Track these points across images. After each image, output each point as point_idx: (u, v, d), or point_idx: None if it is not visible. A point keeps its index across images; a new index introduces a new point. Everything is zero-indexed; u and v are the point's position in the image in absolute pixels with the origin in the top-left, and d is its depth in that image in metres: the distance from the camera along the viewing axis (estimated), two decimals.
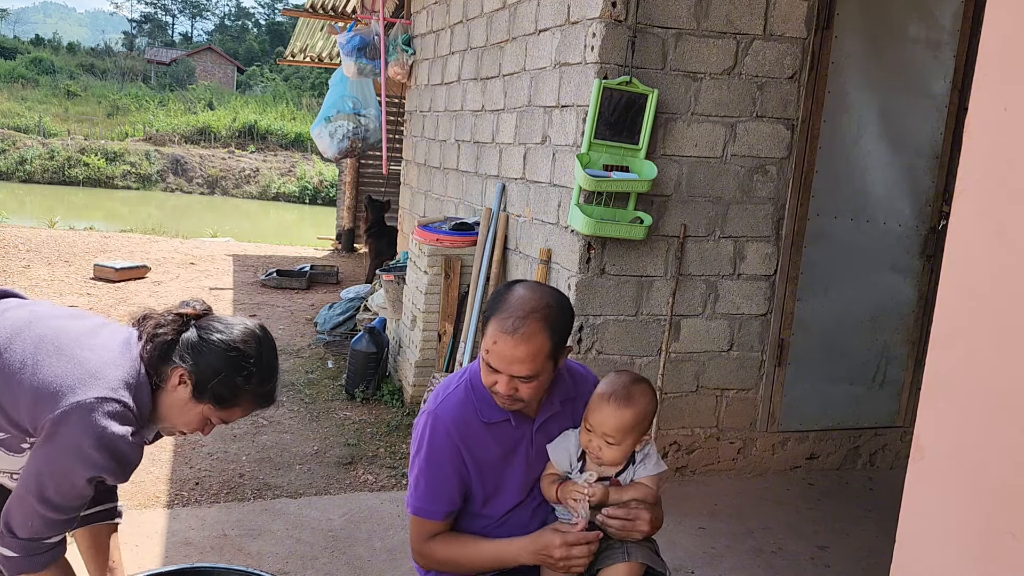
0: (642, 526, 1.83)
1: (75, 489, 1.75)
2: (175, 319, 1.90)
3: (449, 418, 1.90)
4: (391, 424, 4.55)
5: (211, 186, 28.48)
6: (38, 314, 1.93)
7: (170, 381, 1.86)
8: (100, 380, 1.76)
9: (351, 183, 10.87)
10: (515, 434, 1.94)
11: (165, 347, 1.86)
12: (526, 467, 1.95)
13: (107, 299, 7.09)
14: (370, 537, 3.28)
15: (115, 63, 47.17)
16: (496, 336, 1.77)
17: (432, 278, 4.66)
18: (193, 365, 1.84)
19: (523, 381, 1.79)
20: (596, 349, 3.70)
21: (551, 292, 1.87)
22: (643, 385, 1.90)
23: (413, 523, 1.96)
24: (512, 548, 1.89)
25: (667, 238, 3.71)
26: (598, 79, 3.43)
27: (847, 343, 4.16)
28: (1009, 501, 0.81)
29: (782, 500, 3.88)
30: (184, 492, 3.56)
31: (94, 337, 1.87)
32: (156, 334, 1.87)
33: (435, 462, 1.89)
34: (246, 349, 1.89)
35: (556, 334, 1.79)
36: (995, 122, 0.83)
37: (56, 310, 2.00)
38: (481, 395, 1.90)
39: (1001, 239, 0.82)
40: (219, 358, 1.85)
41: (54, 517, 1.76)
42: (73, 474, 1.73)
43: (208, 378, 1.84)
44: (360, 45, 6.66)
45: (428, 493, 1.91)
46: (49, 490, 1.73)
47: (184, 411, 1.89)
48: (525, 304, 1.78)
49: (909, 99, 4.02)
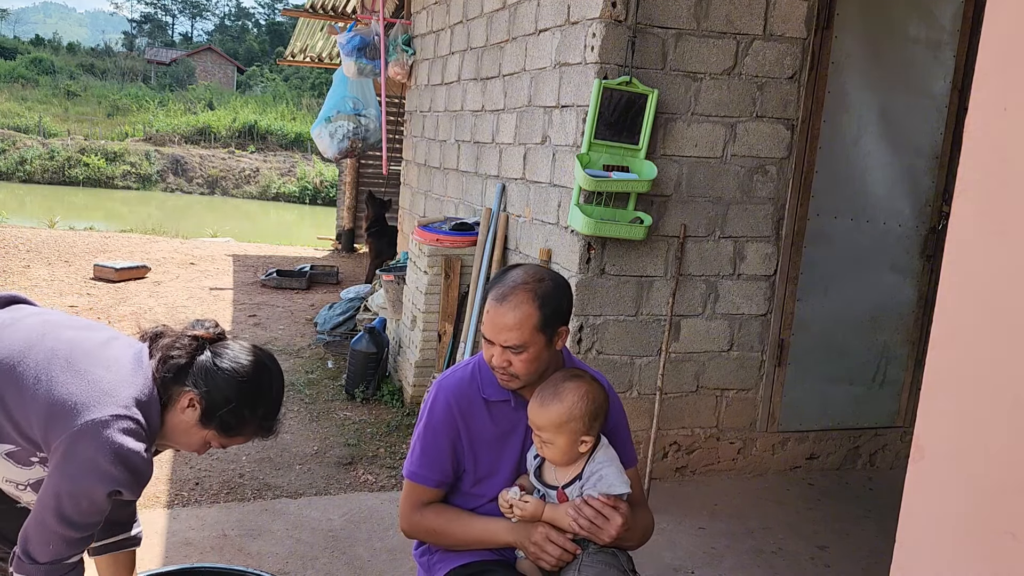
0: (610, 530, 1.80)
1: (94, 505, 1.76)
2: (190, 342, 1.91)
3: (452, 391, 1.97)
4: (391, 424, 4.55)
5: (211, 186, 28.49)
6: (51, 323, 1.93)
7: (179, 403, 1.88)
8: (114, 398, 1.77)
9: (351, 183, 10.88)
10: (513, 417, 1.98)
11: (178, 369, 1.88)
12: (520, 453, 1.99)
13: (107, 299, 7.09)
14: (370, 537, 3.28)
15: (115, 63, 47.18)
16: (489, 306, 1.88)
17: (432, 278, 4.66)
18: (205, 392, 1.86)
19: (514, 352, 1.85)
20: (596, 349, 3.70)
21: (547, 271, 1.95)
22: (578, 383, 1.85)
23: (406, 488, 2.01)
24: (499, 524, 1.94)
25: (667, 238, 3.71)
26: (598, 79, 3.43)
27: (847, 343, 4.16)
28: (1009, 501, 0.81)
29: (782, 500, 3.88)
30: (184, 492, 3.56)
31: (106, 351, 1.87)
32: (170, 356, 1.88)
33: (433, 430, 1.96)
34: (258, 382, 1.92)
35: (546, 307, 1.85)
36: (995, 122, 0.83)
37: (68, 320, 2.00)
38: (486, 375, 1.97)
39: (1001, 239, 0.82)
40: (231, 388, 1.87)
41: (74, 535, 1.77)
42: (92, 491, 1.74)
43: (218, 406, 1.86)
44: (360, 45, 6.66)
45: (422, 458, 1.96)
46: (68, 509, 1.74)
47: (188, 433, 1.91)
48: (518, 278, 1.89)
49: (909, 99, 4.02)
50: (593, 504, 1.81)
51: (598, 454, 1.88)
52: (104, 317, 6.44)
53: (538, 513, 1.86)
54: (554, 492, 1.89)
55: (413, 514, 1.99)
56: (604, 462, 1.86)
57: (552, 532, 1.84)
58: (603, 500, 1.82)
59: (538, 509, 1.86)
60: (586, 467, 1.87)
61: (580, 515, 1.81)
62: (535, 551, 1.85)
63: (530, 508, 1.86)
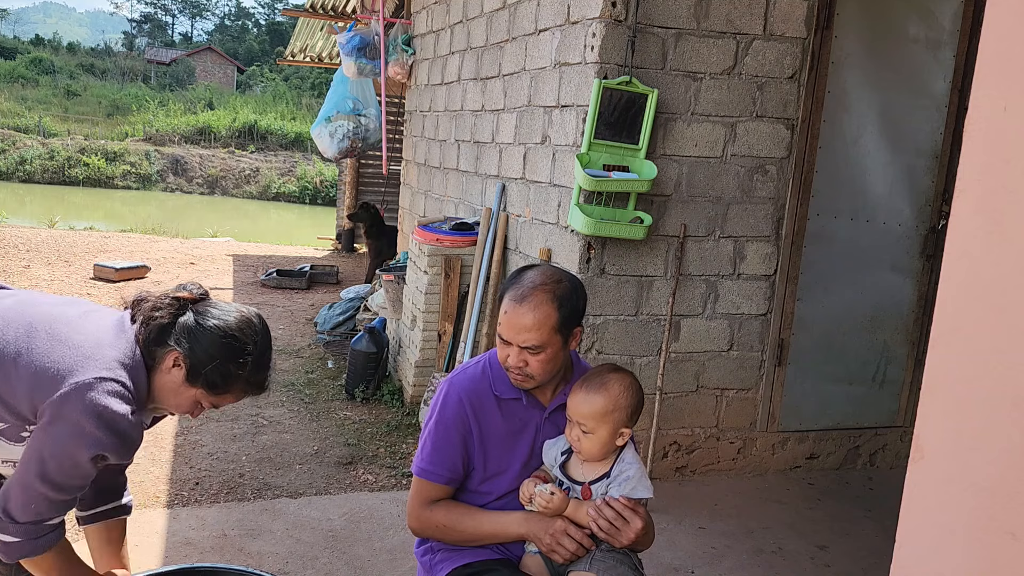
0: (629, 533, 1.81)
1: (78, 468, 1.75)
2: (172, 302, 1.90)
3: (464, 387, 1.98)
4: (391, 424, 4.55)
5: (211, 186, 28.49)
6: (27, 301, 1.93)
7: (164, 363, 1.87)
8: (97, 361, 1.77)
9: (351, 183, 10.87)
10: (524, 415, 1.98)
11: (161, 329, 1.87)
12: (529, 452, 1.99)
13: (107, 299, 7.09)
14: (370, 537, 3.28)
15: (115, 63, 47.17)
16: (507, 307, 1.88)
17: (432, 278, 4.66)
18: (188, 349, 1.85)
19: (531, 353, 1.86)
20: (596, 349, 3.70)
21: (563, 272, 1.95)
22: (622, 375, 1.89)
23: (415, 485, 2.00)
24: (510, 517, 1.94)
25: (667, 238, 3.71)
26: (598, 79, 3.43)
27: (847, 343, 4.16)
28: (1009, 501, 0.81)
29: (782, 500, 3.88)
30: (184, 492, 3.56)
31: (86, 320, 1.87)
32: (152, 316, 1.87)
33: (444, 426, 1.96)
34: (242, 337, 1.89)
35: (564, 308, 1.86)
36: (995, 122, 0.83)
37: (45, 297, 2.00)
38: (497, 372, 1.98)
39: (1001, 239, 0.82)
40: (214, 344, 1.86)
41: (57, 497, 1.77)
42: (76, 453, 1.73)
43: (203, 363, 1.85)
44: (360, 45, 6.66)
45: (432, 455, 1.96)
46: (52, 470, 1.73)
47: (176, 393, 1.89)
48: (536, 279, 1.90)
49: (909, 99, 4.02)
50: (614, 506, 1.82)
51: (626, 454, 1.90)
52: None
53: (562, 508, 1.86)
54: (579, 488, 1.90)
55: (422, 511, 1.98)
56: (631, 463, 1.88)
57: (571, 527, 1.85)
58: (624, 503, 1.83)
59: (563, 504, 1.86)
60: (615, 465, 1.88)
61: (600, 516, 1.82)
62: (550, 543, 1.86)
63: (556, 502, 1.86)
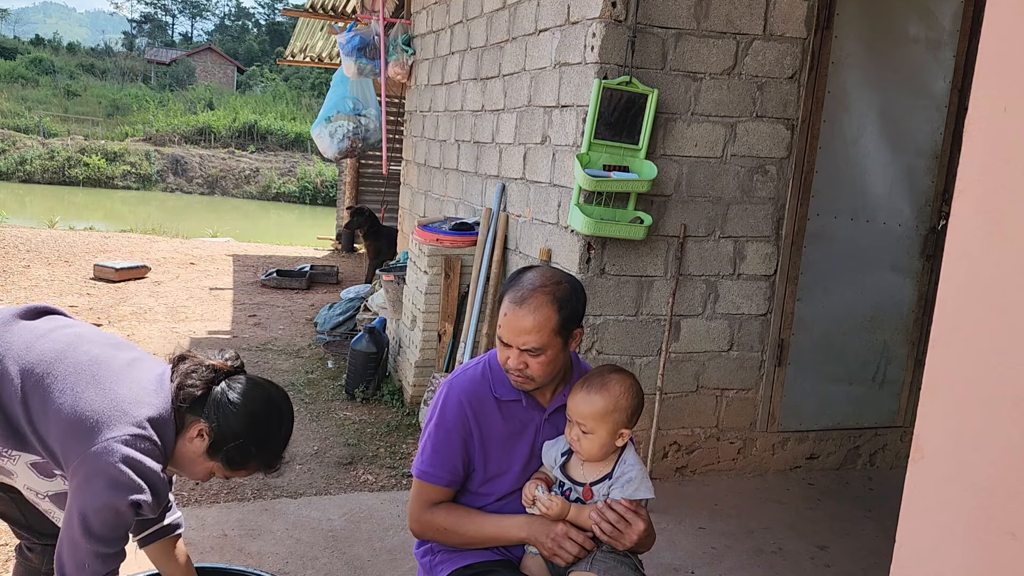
0: (631, 535, 1.82)
1: (120, 517, 1.78)
2: (207, 371, 1.93)
3: (464, 389, 1.97)
4: (391, 424, 4.55)
5: (211, 186, 28.50)
6: (83, 338, 1.96)
7: (190, 431, 1.89)
8: (134, 417, 1.80)
9: (351, 183, 10.87)
10: (524, 416, 1.98)
11: (193, 399, 1.90)
12: (529, 453, 1.99)
13: (107, 299, 7.09)
14: (370, 537, 3.28)
15: (115, 63, 47.18)
16: (507, 308, 1.87)
17: (432, 278, 4.66)
18: (215, 425, 1.88)
19: (531, 355, 1.85)
20: (596, 349, 3.70)
21: (563, 274, 1.94)
22: (623, 376, 1.88)
23: (415, 487, 2.00)
24: (512, 520, 1.94)
25: (667, 238, 3.71)
26: (598, 79, 3.43)
27: (847, 343, 4.16)
28: (1009, 501, 0.81)
29: (782, 500, 3.88)
30: (184, 492, 3.56)
31: (131, 370, 1.90)
32: (186, 383, 1.90)
33: (444, 428, 1.96)
34: (267, 422, 1.93)
35: (564, 310, 1.86)
36: (995, 122, 0.83)
37: (99, 335, 2.03)
38: (497, 374, 1.98)
39: (1001, 239, 0.82)
40: (241, 424, 1.89)
41: (105, 551, 1.79)
42: (116, 502, 1.75)
43: (226, 440, 1.88)
44: (360, 45, 6.66)
45: (433, 457, 1.96)
46: (95, 525, 1.75)
47: (194, 462, 1.93)
48: (536, 281, 1.88)
49: (909, 99, 4.02)
50: (616, 508, 1.83)
51: (627, 455, 1.90)
52: (104, 317, 6.45)
53: (564, 512, 1.87)
54: (580, 488, 1.90)
55: (423, 513, 1.98)
56: (633, 464, 1.89)
57: (572, 530, 1.85)
58: (626, 505, 1.83)
59: (564, 509, 1.87)
60: (616, 466, 1.89)
61: (603, 519, 1.82)
62: (552, 546, 1.86)
63: (557, 507, 1.86)
